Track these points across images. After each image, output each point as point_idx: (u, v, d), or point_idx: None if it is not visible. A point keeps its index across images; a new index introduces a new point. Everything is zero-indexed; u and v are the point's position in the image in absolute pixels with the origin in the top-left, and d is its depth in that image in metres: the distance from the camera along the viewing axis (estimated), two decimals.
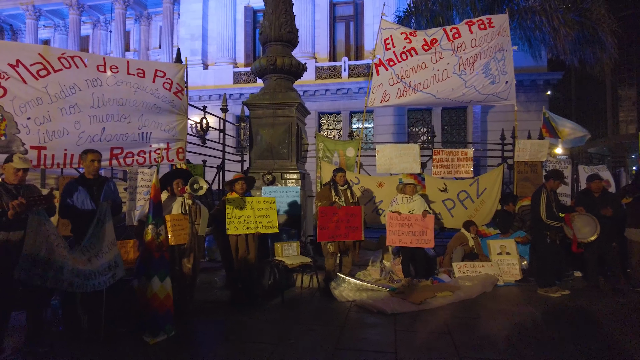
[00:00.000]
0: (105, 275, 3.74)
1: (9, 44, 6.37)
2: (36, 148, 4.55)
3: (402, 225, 5.76)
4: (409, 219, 5.77)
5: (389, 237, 5.78)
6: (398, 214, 5.77)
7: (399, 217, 5.76)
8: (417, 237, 5.73)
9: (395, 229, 5.78)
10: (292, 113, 7.02)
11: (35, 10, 25.10)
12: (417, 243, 5.73)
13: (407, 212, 5.83)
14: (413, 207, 5.91)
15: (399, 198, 6.00)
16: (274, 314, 4.70)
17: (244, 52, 20.94)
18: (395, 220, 5.78)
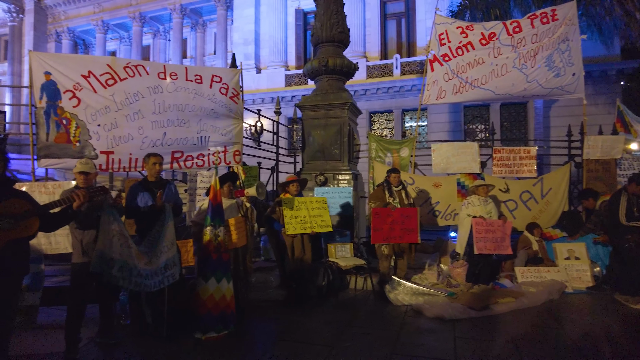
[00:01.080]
0: (164, 274, 3.89)
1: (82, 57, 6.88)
2: (105, 153, 4.86)
3: (487, 232, 5.42)
4: (492, 224, 5.44)
5: (477, 244, 5.38)
6: (483, 219, 5.45)
7: (485, 223, 5.43)
8: (498, 243, 5.41)
9: (482, 236, 5.41)
10: (343, 113, 6.99)
11: (104, 25, 27.02)
12: (498, 250, 5.42)
13: (486, 214, 5.55)
14: (490, 209, 5.60)
15: (474, 200, 5.69)
16: (329, 315, 4.69)
17: (295, 55, 21.19)
18: (481, 226, 5.43)
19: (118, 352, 3.77)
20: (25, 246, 2.85)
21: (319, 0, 7.33)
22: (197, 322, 4.05)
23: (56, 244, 4.63)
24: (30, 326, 4.26)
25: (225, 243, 4.19)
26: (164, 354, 3.71)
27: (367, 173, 7.46)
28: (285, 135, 12.78)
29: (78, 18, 27.57)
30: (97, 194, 3.25)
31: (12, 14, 27.44)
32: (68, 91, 4.66)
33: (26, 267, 2.88)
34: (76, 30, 28.40)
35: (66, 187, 4.43)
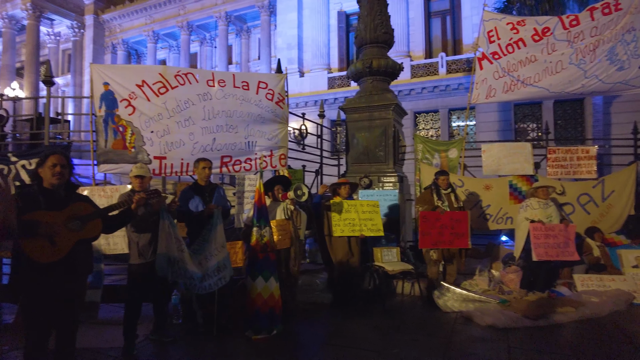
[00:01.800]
0: (215, 277, 4.02)
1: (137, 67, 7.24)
2: (158, 158, 5.08)
3: (547, 237, 5.14)
4: (553, 229, 5.16)
5: (535, 250, 5.12)
6: (542, 223, 5.19)
7: (544, 228, 5.16)
8: (561, 249, 5.12)
9: (540, 241, 5.14)
10: (388, 115, 6.89)
11: (154, 35, 28.36)
12: (562, 256, 5.13)
13: (545, 218, 5.27)
14: (550, 213, 5.32)
15: (533, 202, 5.42)
16: (375, 320, 4.62)
17: (338, 57, 21.20)
18: (540, 231, 5.16)
19: (172, 350, 3.92)
20: (90, 247, 3.02)
21: (362, 2, 7.28)
22: (247, 321, 4.14)
23: (114, 245, 4.88)
24: (91, 321, 4.52)
25: (271, 243, 4.27)
26: (214, 352, 3.82)
27: (413, 175, 7.31)
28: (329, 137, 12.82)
29: (131, 30, 29.11)
30: (152, 197, 3.40)
31: (74, 30, 29.41)
32: (124, 100, 4.92)
33: (91, 266, 3.06)
34: (129, 41, 29.99)
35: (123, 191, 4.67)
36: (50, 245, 2.61)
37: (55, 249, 2.63)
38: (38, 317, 2.74)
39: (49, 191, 2.76)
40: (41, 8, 27.07)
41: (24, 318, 2.78)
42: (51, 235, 2.61)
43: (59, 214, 2.69)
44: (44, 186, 2.77)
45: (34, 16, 26.88)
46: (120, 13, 28.97)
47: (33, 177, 2.84)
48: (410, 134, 13.64)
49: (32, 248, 2.58)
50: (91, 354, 3.73)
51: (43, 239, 2.59)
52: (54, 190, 2.77)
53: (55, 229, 2.63)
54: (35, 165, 2.85)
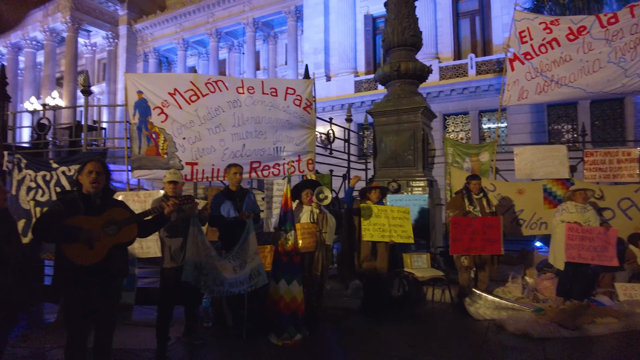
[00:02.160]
0: (248, 283, 4.07)
1: (169, 76, 7.44)
2: (190, 164, 5.19)
3: (583, 239, 4.93)
4: (590, 231, 4.95)
5: (567, 251, 4.95)
6: (578, 224, 4.99)
7: (580, 229, 4.96)
8: (598, 253, 4.91)
9: (575, 243, 4.94)
10: (417, 118, 6.81)
11: (184, 42, 29.13)
12: (598, 260, 4.92)
13: (583, 223, 5.05)
14: (588, 217, 5.10)
15: (569, 206, 5.21)
16: (405, 326, 4.56)
17: (365, 61, 21.14)
18: (575, 232, 4.96)
19: (202, 353, 3.99)
20: (125, 250, 3.12)
21: (389, 5, 7.24)
22: (270, 323, 4.17)
23: (147, 249, 5.02)
24: (126, 322, 4.66)
25: (296, 247, 4.29)
26: (243, 355, 3.86)
27: (444, 179, 7.18)
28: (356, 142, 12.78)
29: (162, 38, 30.01)
30: (185, 202, 3.48)
31: (109, 40, 30.60)
32: (157, 108, 5.06)
33: (126, 269, 3.16)
34: (160, 50, 30.92)
35: (156, 196, 4.80)
36: (88, 249, 2.72)
37: (93, 253, 2.74)
38: (77, 317, 2.85)
39: (88, 197, 2.88)
40: (79, 20, 28.30)
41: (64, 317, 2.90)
42: (90, 240, 2.72)
43: (97, 219, 2.80)
44: (83, 192, 2.89)
45: (73, 28, 28.13)
46: (152, 22, 29.92)
47: (73, 184, 2.96)
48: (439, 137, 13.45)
49: (72, 251, 2.69)
50: (126, 354, 3.84)
51: (82, 243, 2.70)
52: (92, 196, 2.89)
53: (94, 234, 2.74)
54: (76, 172, 2.97)
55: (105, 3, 29.67)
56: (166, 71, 32.22)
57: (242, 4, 26.39)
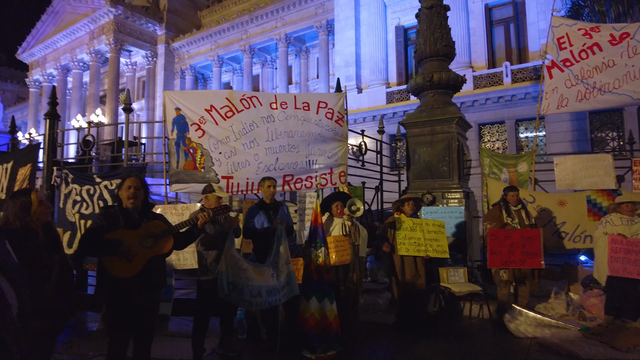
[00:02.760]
0: (280, 293, 4.07)
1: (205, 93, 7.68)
2: (226, 177, 5.31)
3: (629, 252, 4.64)
4: (637, 244, 4.65)
5: (611, 264, 4.70)
6: (623, 237, 4.71)
7: (625, 242, 4.67)
8: None
9: (619, 256, 4.66)
10: (451, 128, 6.70)
11: (219, 59, 30.07)
12: None
13: (630, 236, 4.76)
14: (636, 231, 4.77)
15: (614, 218, 4.93)
16: (441, 343, 4.43)
17: (397, 72, 21.08)
18: (620, 244, 4.69)
19: None
20: (163, 262, 3.22)
21: (421, 17, 7.22)
22: (301, 340, 4.15)
23: (184, 260, 5.14)
24: (163, 333, 4.76)
25: (326, 264, 4.25)
26: None
27: (480, 191, 6.99)
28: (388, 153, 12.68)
29: (198, 55, 31.12)
30: (218, 213, 3.54)
31: (148, 59, 32.03)
32: (194, 124, 5.23)
33: (164, 281, 3.25)
34: (197, 67, 32.02)
35: (193, 209, 4.94)
36: (126, 262, 2.83)
37: (131, 265, 2.84)
38: (117, 327, 2.96)
39: (127, 211, 3.00)
40: (121, 42, 29.81)
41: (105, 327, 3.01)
42: (128, 253, 2.83)
43: (135, 233, 2.91)
44: (123, 207, 3.02)
45: (116, 49, 29.65)
46: (188, 41, 31.10)
47: (114, 198, 3.10)
48: (475, 148, 13.14)
49: (112, 264, 2.81)
50: None
51: (121, 256, 2.81)
52: (131, 210, 3.00)
53: (132, 247, 2.84)
54: (116, 187, 3.11)
55: (145, 24, 31.12)
56: (202, 87, 33.29)
57: (274, 20, 27.04)
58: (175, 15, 32.47)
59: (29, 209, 2.54)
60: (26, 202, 2.55)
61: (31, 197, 2.57)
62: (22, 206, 2.54)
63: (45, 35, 34.65)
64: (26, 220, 2.52)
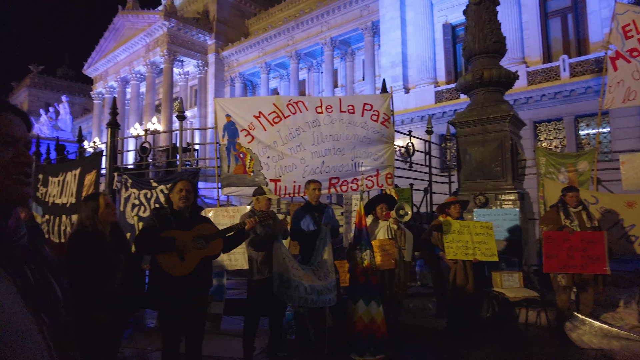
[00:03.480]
0: (331, 294, 4.10)
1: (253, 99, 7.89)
2: (273, 181, 5.43)
3: None
4: None
5: None
6: None
7: None
8: None
9: None
10: (504, 127, 6.42)
11: (266, 66, 30.77)
12: None
13: None
14: None
15: None
16: (495, 351, 4.25)
17: (445, 70, 20.54)
18: None
19: None
20: (210, 263, 3.35)
21: (469, 13, 6.99)
22: (350, 342, 4.13)
23: (235, 261, 5.30)
24: (215, 331, 4.93)
25: (372, 266, 4.21)
26: None
27: (536, 192, 6.64)
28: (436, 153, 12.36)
29: (246, 63, 32.02)
30: (263, 220, 3.64)
31: (199, 68, 33.41)
32: (244, 130, 5.40)
33: (211, 281, 3.38)
34: (245, 74, 32.97)
35: (243, 211, 5.08)
36: (180, 261, 2.96)
37: (184, 265, 2.97)
38: (170, 324, 3.10)
39: (178, 213, 3.15)
40: (174, 52, 31.32)
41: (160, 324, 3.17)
42: (181, 252, 2.96)
43: (187, 233, 3.04)
44: (174, 209, 3.17)
45: (169, 60, 31.19)
46: (237, 49, 32.09)
47: (166, 201, 3.27)
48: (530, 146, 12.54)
49: (166, 263, 2.94)
50: None
51: (175, 256, 2.95)
52: (182, 212, 3.15)
53: (185, 247, 2.97)
54: (168, 190, 3.28)
55: (196, 35, 32.49)
56: (250, 94, 34.22)
57: (319, 25, 27.28)
58: (224, 25, 33.63)
59: (97, 212, 2.74)
60: (95, 205, 2.76)
61: (99, 201, 2.77)
62: (92, 209, 2.74)
63: (107, 51, 37.15)
64: (95, 222, 2.71)
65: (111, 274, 2.67)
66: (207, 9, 34.09)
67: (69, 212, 6.26)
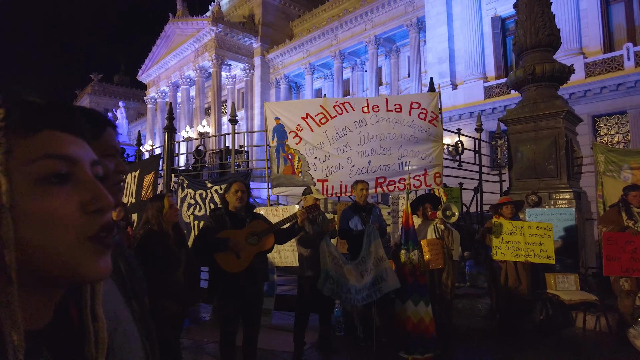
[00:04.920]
0: (372, 289, 4.16)
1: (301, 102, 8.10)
2: (321, 181, 5.55)
3: None
4: None
5: None
6: None
7: None
8: None
9: None
10: (558, 123, 6.17)
11: (310, 67, 31.09)
12: None
13: None
14: None
15: None
16: (548, 355, 4.12)
17: (494, 65, 19.82)
18: None
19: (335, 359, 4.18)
20: (265, 258, 3.53)
21: (519, 6, 6.76)
22: (398, 341, 4.17)
23: (285, 258, 5.48)
24: (266, 326, 5.13)
25: (420, 266, 4.22)
26: None
27: (594, 191, 6.33)
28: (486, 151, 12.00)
29: (291, 65, 32.50)
30: (312, 210, 3.78)
31: (246, 71, 34.33)
32: (292, 131, 5.57)
33: (266, 275, 3.56)
34: (290, 76, 33.47)
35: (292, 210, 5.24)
36: (236, 258, 3.15)
37: (239, 261, 3.17)
38: (229, 316, 3.30)
39: (233, 213, 3.35)
40: (222, 57, 32.39)
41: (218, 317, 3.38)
42: (236, 250, 3.15)
43: (241, 232, 3.23)
44: (229, 209, 3.37)
45: (217, 64, 32.30)
46: (282, 51, 32.65)
47: (222, 201, 3.49)
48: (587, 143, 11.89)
49: (223, 260, 3.16)
50: (267, 354, 4.26)
51: (231, 253, 3.15)
52: (237, 211, 3.34)
53: (239, 245, 3.16)
54: (223, 191, 3.49)
55: (243, 39, 33.41)
56: (295, 95, 34.71)
57: (363, 23, 27.19)
58: (269, 28, 34.33)
59: (162, 211, 2.99)
60: (160, 205, 3.01)
61: (164, 201, 3.02)
62: (157, 209, 2.99)
63: (159, 57, 39.06)
64: (160, 221, 2.96)
65: (177, 267, 2.91)
66: (252, 13, 34.95)
67: (130, 211, 6.73)
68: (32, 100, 0.49)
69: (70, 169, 0.48)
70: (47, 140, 0.47)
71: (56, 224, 0.45)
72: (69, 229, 0.46)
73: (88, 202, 0.48)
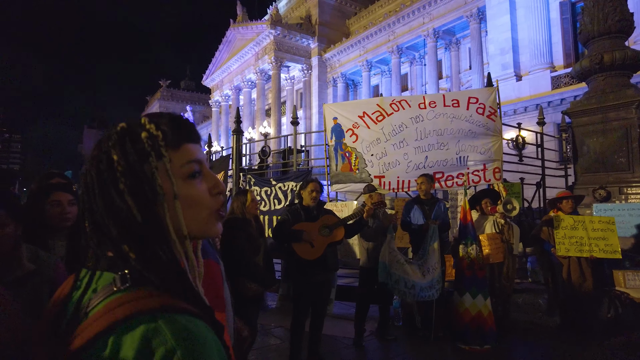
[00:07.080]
0: (432, 290, 4.33)
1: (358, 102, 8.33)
2: (378, 177, 5.76)
3: None
4: None
5: None
6: None
7: None
8: None
9: None
10: (629, 114, 5.88)
11: (367, 64, 31.08)
12: None
13: None
14: None
15: None
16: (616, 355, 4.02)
17: (563, 53, 18.65)
18: None
19: (393, 347, 4.43)
20: (335, 249, 3.87)
21: None
22: (456, 333, 4.30)
23: (346, 252, 5.77)
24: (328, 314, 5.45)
25: (478, 261, 4.29)
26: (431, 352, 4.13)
27: None
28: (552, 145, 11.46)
29: (348, 63, 32.69)
30: (378, 207, 4.07)
31: (304, 72, 35.06)
32: (349, 130, 5.83)
33: (337, 264, 3.91)
34: (347, 74, 33.68)
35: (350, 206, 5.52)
36: (311, 247, 3.53)
37: (314, 250, 3.54)
38: (303, 299, 3.67)
39: (307, 207, 3.73)
40: (281, 59, 33.35)
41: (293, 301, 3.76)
42: (311, 240, 3.52)
43: (314, 225, 3.60)
44: (304, 204, 3.74)
45: (276, 66, 33.31)
46: (338, 50, 32.94)
47: (297, 196, 3.88)
48: None
49: (301, 250, 3.55)
50: (329, 339, 4.57)
51: (306, 243, 3.52)
52: (310, 207, 3.71)
53: (313, 235, 3.53)
54: (299, 188, 3.89)
55: (300, 39, 34.14)
56: (352, 93, 34.88)
57: (421, 17, 26.72)
58: (326, 27, 34.76)
59: (245, 204, 3.41)
60: (244, 199, 3.46)
61: (247, 195, 3.44)
62: (242, 202, 3.42)
63: (222, 62, 40.98)
64: (244, 212, 3.39)
65: (257, 250, 3.34)
66: (309, 14, 35.57)
67: None
68: (175, 122, 0.70)
69: (200, 167, 0.69)
70: (188, 150, 0.68)
71: (198, 204, 0.68)
72: (204, 206, 0.69)
73: (212, 188, 0.70)
